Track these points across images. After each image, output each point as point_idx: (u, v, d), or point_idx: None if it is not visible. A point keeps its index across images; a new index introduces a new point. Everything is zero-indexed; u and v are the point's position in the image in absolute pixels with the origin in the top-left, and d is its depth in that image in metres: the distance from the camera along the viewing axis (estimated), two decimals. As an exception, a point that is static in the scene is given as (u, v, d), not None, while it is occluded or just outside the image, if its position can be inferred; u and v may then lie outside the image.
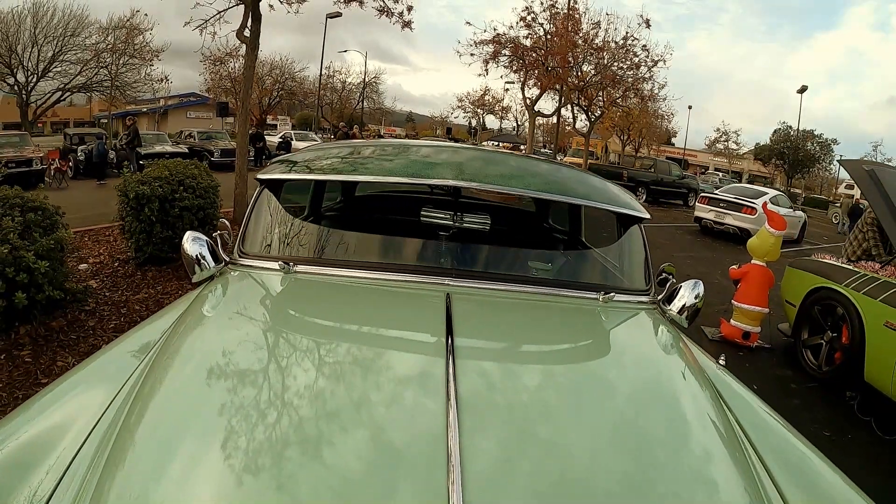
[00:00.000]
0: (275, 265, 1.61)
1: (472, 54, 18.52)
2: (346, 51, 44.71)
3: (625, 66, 19.11)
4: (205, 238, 1.70)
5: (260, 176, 1.88)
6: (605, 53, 18.64)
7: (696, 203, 13.65)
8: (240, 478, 0.84)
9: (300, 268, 1.60)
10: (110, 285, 4.61)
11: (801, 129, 35.38)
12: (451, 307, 1.34)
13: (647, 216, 1.88)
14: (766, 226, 4.85)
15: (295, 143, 20.69)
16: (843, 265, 4.31)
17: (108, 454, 0.97)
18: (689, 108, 41.24)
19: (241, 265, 1.68)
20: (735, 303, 4.84)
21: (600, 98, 20.70)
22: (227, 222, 1.93)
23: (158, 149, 15.64)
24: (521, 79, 19.74)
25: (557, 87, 19.14)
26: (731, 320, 4.86)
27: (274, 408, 0.97)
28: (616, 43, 18.54)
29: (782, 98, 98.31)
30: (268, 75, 31.88)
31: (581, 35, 18.26)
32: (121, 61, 23.08)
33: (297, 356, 1.19)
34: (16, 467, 1.02)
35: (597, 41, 18.55)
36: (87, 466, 1.00)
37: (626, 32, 18.42)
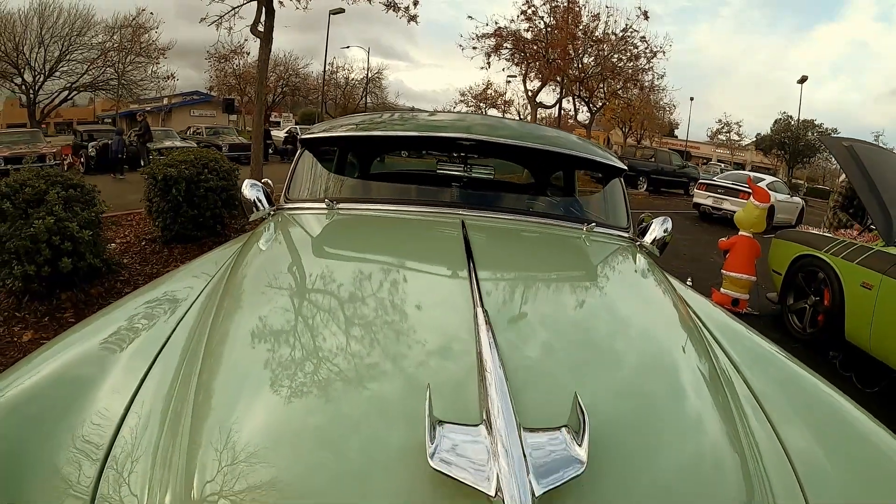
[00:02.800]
0: (319, 205, 1.92)
1: (474, 48, 18.86)
2: (348, 47, 44.62)
3: (624, 58, 19.38)
4: (260, 184, 2.02)
5: (301, 136, 2.22)
6: (604, 45, 18.91)
7: (695, 190, 13.85)
8: (324, 375, 0.92)
9: (341, 205, 1.90)
10: (140, 261, 4.95)
11: (801, 119, 35.47)
12: (468, 235, 1.61)
13: (625, 168, 2.23)
14: (751, 199, 5.16)
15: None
16: (824, 234, 4.60)
17: (201, 363, 1.04)
18: (692, 99, 41.03)
19: (288, 208, 2.00)
20: (724, 272, 5.15)
21: (601, 89, 20.95)
22: (269, 181, 2.25)
23: (168, 144, 15.92)
24: (523, 71, 20.01)
25: (558, 78, 19.40)
26: (721, 289, 5.17)
27: (332, 314, 1.18)
28: (615, 35, 18.80)
29: (784, 90, 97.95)
30: (272, 71, 32.12)
31: (581, 27, 18.53)
32: (127, 59, 23.42)
33: (348, 274, 1.43)
34: (79, 380, 1.04)
35: (597, 33, 18.82)
36: (171, 381, 1.06)
37: (626, 24, 18.70)
